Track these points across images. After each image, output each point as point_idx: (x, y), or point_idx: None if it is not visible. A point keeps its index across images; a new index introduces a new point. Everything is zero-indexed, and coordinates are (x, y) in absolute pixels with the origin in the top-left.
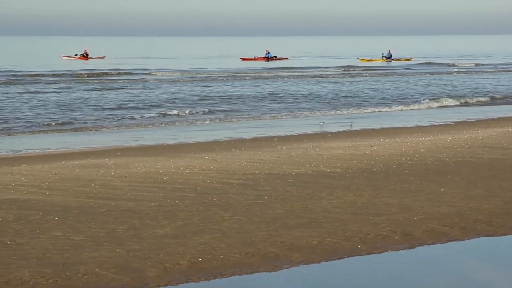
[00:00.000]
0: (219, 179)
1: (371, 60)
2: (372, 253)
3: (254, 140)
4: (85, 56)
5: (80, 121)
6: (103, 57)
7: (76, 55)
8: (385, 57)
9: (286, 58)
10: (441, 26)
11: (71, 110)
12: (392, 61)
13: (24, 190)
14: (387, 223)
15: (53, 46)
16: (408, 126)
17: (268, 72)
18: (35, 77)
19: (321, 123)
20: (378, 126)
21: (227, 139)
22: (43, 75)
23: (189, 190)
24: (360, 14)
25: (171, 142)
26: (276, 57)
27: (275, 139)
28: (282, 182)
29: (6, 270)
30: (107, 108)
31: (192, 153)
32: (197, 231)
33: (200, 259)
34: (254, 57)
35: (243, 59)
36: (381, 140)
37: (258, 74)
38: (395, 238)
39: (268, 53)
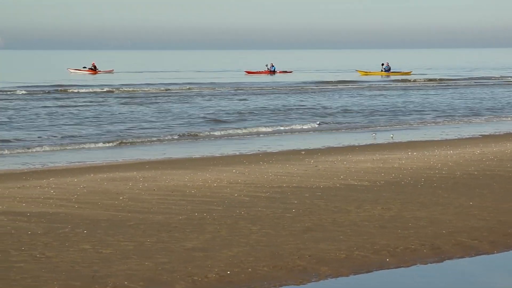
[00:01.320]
0: (247, 192)
1: (370, 73)
2: (400, 267)
3: (282, 153)
4: (94, 70)
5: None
6: (111, 71)
7: (84, 67)
8: (384, 69)
9: (291, 72)
10: (429, 39)
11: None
12: (391, 75)
13: (53, 203)
14: (416, 236)
15: (56, 59)
16: (436, 139)
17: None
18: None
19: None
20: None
21: (254, 152)
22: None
23: (217, 203)
24: (350, 27)
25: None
26: (276, 70)
27: (303, 152)
28: (309, 195)
29: (36, 283)
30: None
31: (220, 166)
32: (225, 244)
33: (228, 272)
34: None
35: (249, 72)
36: (409, 153)
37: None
38: (424, 251)
39: (273, 66)
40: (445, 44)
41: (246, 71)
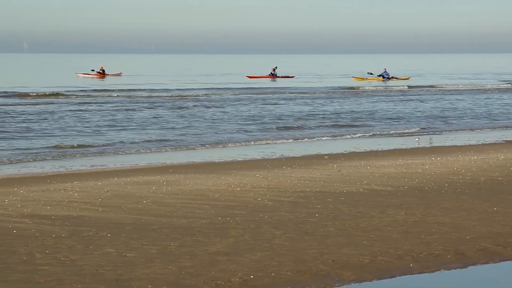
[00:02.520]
0: (270, 197)
1: (367, 79)
2: (424, 272)
3: (305, 158)
4: (102, 73)
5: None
6: (119, 74)
7: (93, 70)
8: (382, 75)
9: (293, 77)
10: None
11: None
12: (389, 80)
13: (77, 207)
14: (440, 242)
15: (62, 64)
16: (459, 144)
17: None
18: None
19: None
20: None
21: (277, 157)
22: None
23: (240, 208)
24: (340, 32)
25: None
26: (278, 75)
27: (326, 157)
28: (333, 200)
29: (60, 286)
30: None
31: (243, 170)
32: (248, 248)
33: (251, 276)
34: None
35: (250, 77)
36: (433, 158)
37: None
38: (448, 257)
39: (274, 70)
40: (423, 50)
41: (247, 76)
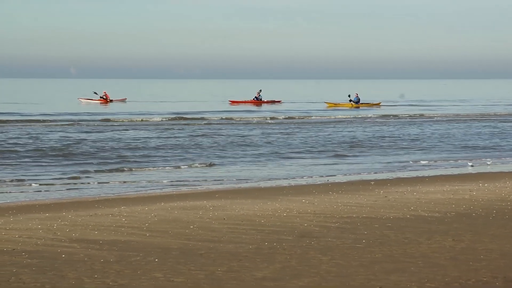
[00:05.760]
0: (317, 222)
1: (339, 104)
2: None
3: (351, 183)
4: (105, 99)
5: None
6: (124, 100)
7: (96, 93)
8: (353, 101)
9: (279, 101)
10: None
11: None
12: (360, 106)
13: (124, 232)
14: (488, 269)
15: (62, 88)
16: (506, 170)
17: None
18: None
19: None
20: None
21: (323, 182)
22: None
23: (287, 233)
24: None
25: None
26: (263, 100)
27: (372, 182)
28: (379, 226)
29: None
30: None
31: (289, 196)
32: (295, 274)
33: None
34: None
35: (233, 102)
36: (480, 184)
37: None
38: (496, 284)
39: (259, 95)
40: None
41: (230, 101)
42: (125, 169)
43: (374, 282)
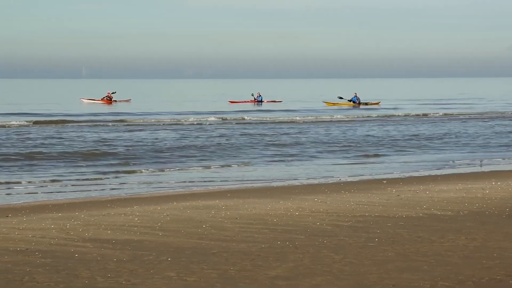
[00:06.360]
0: (329, 221)
1: (338, 103)
2: None
3: (363, 182)
4: (109, 99)
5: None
6: (129, 100)
7: (114, 92)
8: (352, 100)
9: (280, 101)
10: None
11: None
12: (360, 105)
13: (137, 231)
14: (501, 267)
15: (64, 89)
16: None
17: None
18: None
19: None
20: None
21: (335, 181)
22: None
23: (299, 232)
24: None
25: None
26: (263, 100)
27: (384, 181)
28: (392, 224)
29: None
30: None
31: (302, 195)
32: (308, 273)
33: None
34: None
35: (232, 102)
36: (493, 183)
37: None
38: (510, 282)
39: (259, 96)
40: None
41: (229, 101)
42: (166, 169)
43: (387, 281)
